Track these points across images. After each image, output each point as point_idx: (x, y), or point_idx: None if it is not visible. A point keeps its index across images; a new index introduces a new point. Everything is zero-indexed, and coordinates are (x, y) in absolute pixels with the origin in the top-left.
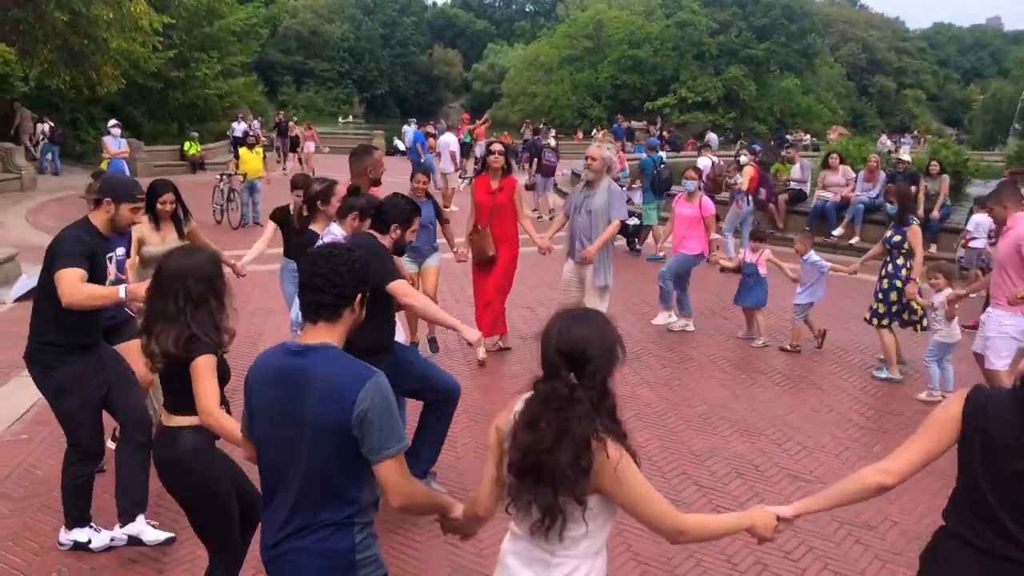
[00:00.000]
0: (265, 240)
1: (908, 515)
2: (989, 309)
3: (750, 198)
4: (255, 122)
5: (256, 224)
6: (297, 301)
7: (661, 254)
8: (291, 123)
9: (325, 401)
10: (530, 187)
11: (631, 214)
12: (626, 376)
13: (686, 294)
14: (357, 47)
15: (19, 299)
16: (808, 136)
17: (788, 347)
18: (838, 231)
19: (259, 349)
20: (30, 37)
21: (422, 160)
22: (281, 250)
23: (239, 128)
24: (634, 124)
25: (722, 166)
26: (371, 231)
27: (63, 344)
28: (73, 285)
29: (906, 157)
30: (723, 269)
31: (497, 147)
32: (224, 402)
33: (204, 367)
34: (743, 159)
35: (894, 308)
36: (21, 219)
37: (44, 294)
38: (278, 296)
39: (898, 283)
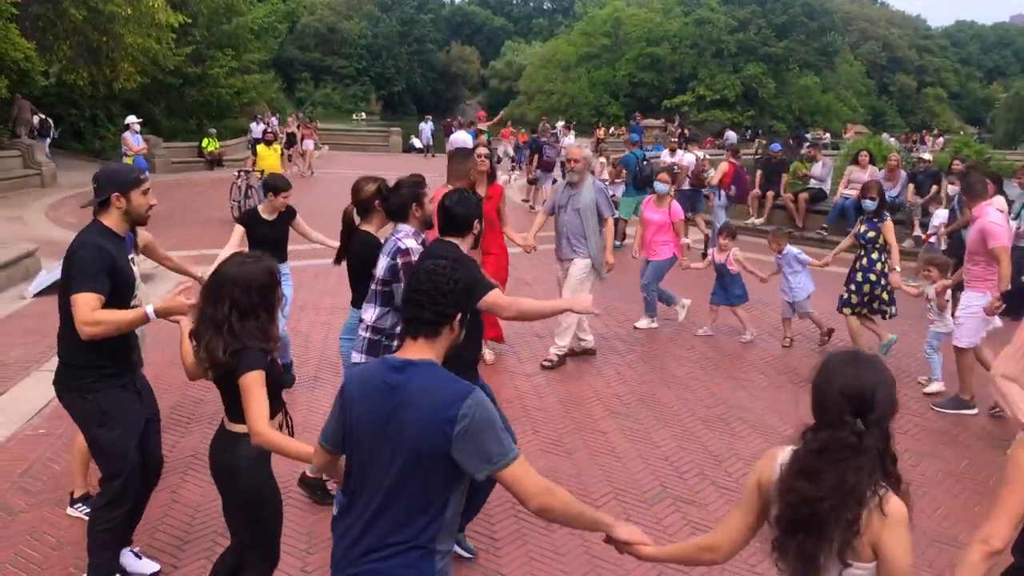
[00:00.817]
0: (232, 246)
1: (928, 518)
2: (962, 292)
3: (722, 193)
4: (273, 119)
5: None
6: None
7: (635, 256)
8: (289, 118)
9: (425, 417)
10: (532, 181)
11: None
12: (643, 375)
13: (662, 291)
14: (375, 44)
15: (38, 294)
16: (828, 135)
17: (826, 339)
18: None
19: None
20: (50, 33)
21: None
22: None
23: (258, 129)
24: (646, 123)
25: (705, 162)
26: (448, 239)
27: (100, 366)
28: (88, 315)
29: (927, 156)
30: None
31: (482, 151)
32: (284, 410)
33: (252, 384)
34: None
35: (866, 298)
36: (41, 215)
37: (70, 315)
38: (297, 291)
39: (872, 276)
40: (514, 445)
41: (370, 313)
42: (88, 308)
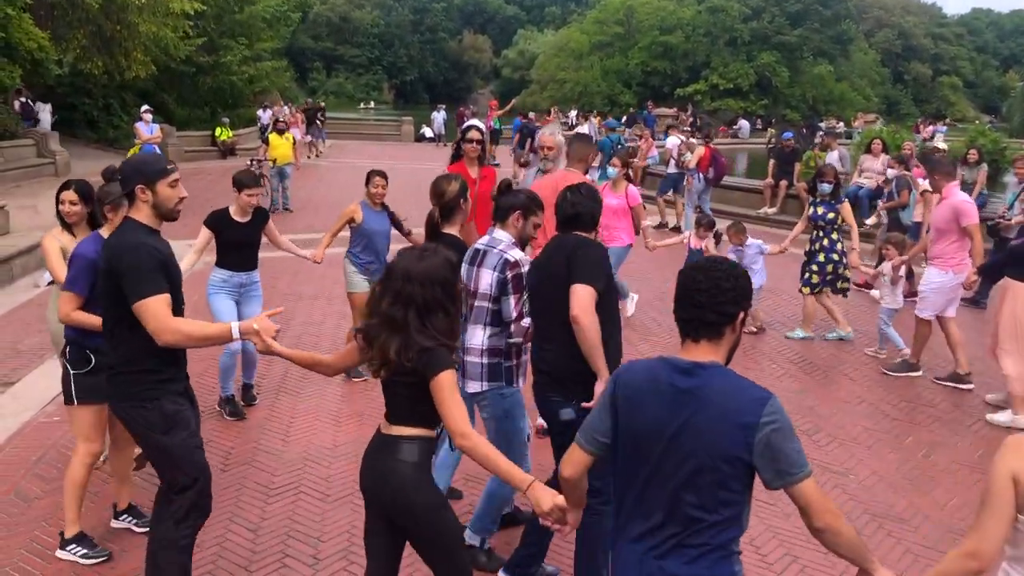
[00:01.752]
0: (198, 250)
1: (940, 509)
2: (926, 266)
3: (701, 176)
4: (284, 108)
5: (286, 210)
6: (229, 317)
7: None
8: (275, 107)
9: (724, 421)
10: (524, 164)
11: None
12: None
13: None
14: (387, 33)
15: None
16: (841, 124)
17: (755, 329)
18: (871, 220)
19: (290, 329)
20: (64, 22)
21: (524, 149)
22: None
23: (265, 116)
24: (658, 112)
25: (683, 146)
26: (577, 231)
27: (157, 370)
28: (166, 321)
29: (942, 145)
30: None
31: (474, 134)
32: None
33: (447, 383)
34: (693, 141)
35: (828, 278)
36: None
37: (122, 321)
38: (308, 282)
39: (834, 256)
40: (807, 460)
41: (480, 335)
42: (163, 314)
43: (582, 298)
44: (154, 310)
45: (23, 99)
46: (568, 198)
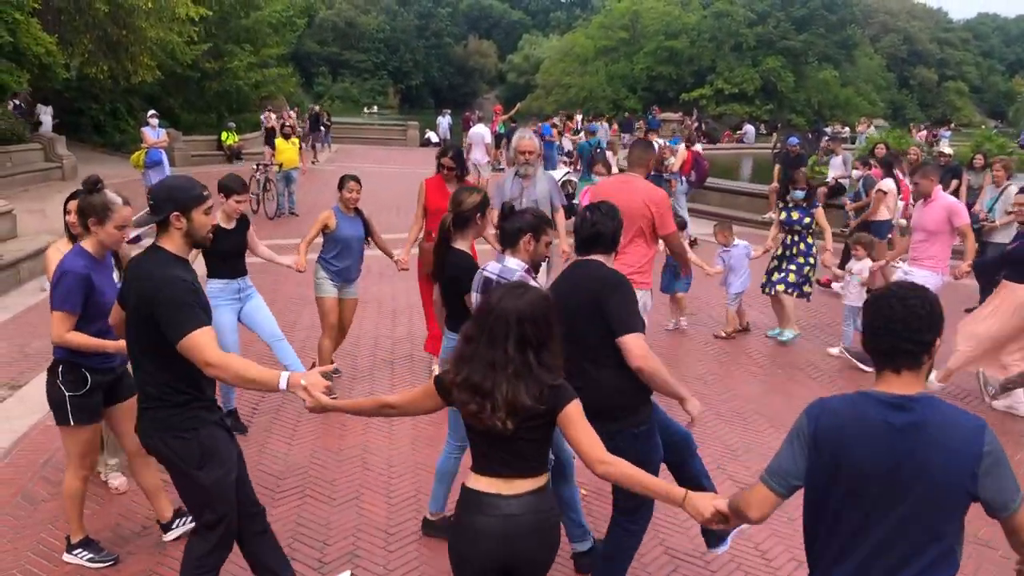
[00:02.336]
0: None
1: None
2: (910, 268)
3: (683, 179)
4: (291, 112)
5: (292, 214)
6: (230, 330)
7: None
8: (268, 111)
9: (949, 456)
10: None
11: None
12: None
13: None
14: (392, 38)
15: None
16: (847, 129)
17: (724, 334)
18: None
19: (295, 334)
20: (71, 27)
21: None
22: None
23: (267, 121)
24: (663, 117)
25: (666, 150)
26: (595, 256)
27: (191, 401)
28: (215, 355)
29: (948, 150)
30: None
31: (447, 162)
32: None
33: (579, 414)
34: (675, 143)
35: (802, 280)
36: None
37: (149, 352)
38: (312, 287)
39: (811, 260)
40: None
41: None
42: (210, 347)
43: (638, 347)
44: (199, 344)
45: (17, 102)
46: (588, 218)
